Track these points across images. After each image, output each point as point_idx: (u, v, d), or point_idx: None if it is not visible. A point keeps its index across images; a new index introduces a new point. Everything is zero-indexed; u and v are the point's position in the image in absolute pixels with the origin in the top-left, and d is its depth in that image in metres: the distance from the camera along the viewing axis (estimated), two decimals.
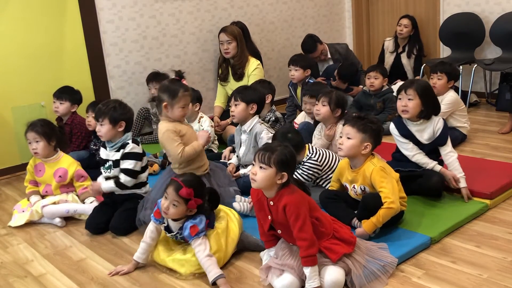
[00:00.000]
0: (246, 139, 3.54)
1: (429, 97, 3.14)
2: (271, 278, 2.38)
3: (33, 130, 3.34)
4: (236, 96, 3.53)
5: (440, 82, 4.08)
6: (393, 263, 2.43)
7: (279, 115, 4.21)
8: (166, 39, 5.13)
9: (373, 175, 2.69)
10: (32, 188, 3.48)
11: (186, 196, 2.48)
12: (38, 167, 3.44)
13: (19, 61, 4.31)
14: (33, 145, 3.35)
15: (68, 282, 2.63)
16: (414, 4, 6.03)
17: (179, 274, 2.56)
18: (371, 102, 4.70)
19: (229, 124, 4.60)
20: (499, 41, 5.15)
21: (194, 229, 2.51)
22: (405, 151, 3.18)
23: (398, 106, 3.18)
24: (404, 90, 3.14)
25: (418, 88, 3.10)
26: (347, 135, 2.77)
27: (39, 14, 4.36)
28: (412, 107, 3.10)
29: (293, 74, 4.65)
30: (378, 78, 4.65)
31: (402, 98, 3.15)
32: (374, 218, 2.62)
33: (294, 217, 2.27)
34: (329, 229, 2.39)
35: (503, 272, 2.39)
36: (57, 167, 3.40)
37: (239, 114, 3.52)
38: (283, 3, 5.99)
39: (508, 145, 4.10)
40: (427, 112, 3.12)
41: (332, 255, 2.32)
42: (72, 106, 4.14)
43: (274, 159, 2.27)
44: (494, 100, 5.26)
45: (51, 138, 3.38)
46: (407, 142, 3.17)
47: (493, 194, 3.08)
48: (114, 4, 4.75)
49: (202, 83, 5.44)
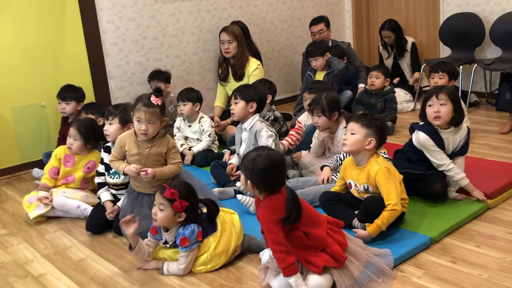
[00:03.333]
0: (246, 137, 3.54)
1: (459, 102, 3.03)
2: (269, 278, 2.38)
3: (76, 127, 3.39)
4: (236, 94, 3.54)
5: (442, 82, 4.09)
6: (390, 275, 2.39)
7: (278, 115, 4.21)
8: (166, 39, 5.13)
9: (378, 176, 2.68)
10: (47, 180, 3.39)
11: (170, 196, 2.46)
12: (67, 158, 3.44)
13: (19, 61, 4.31)
14: (70, 140, 3.40)
15: (68, 282, 2.63)
16: (414, 4, 6.03)
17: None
18: (372, 101, 4.70)
19: (229, 124, 4.60)
20: (499, 41, 5.15)
21: (184, 241, 2.49)
22: (436, 161, 3.01)
23: (429, 113, 2.99)
24: (435, 95, 2.97)
25: (450, 93, 2.98)
26: (351, 131, 2.78)
27: (39, 14, 4.35)
28: (445, 113, 2.95)
29: (315, 64, 4.86)
30: (379, 78, 4.66)
31: (433, 104, 2.97)
32: (378, 221, 2.61)
33: (266, 230, 2.27)
34: (320, 243, 2.32)
35: (503, 272, 2.39)
36: (88, 160, 3.43)
37: (239, 112, 3.52)
38: (283, 3, 5.99)
39: (508, 145, 4.10)
40: (458, 118, 3.00)
41: (314, 269, 2.28)
42: (78, 105, 4.15)
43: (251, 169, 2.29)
44: (494, 100, 5.27)
45: (89, 141, 3.43)
46: (440, 151, 3.01)
47: (493, 194, 3.08)
48: (114, 4, 4.75)
49: (202, 83, 5.44)
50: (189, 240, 2.49)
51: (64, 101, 4.12)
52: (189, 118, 4.27)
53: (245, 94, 3.50)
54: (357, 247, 2.44)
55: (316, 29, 5.51)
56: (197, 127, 4.26)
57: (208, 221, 2.62)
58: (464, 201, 3.07)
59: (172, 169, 2.90)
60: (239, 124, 3.63)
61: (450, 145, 3.04)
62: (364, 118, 2.80)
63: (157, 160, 2.90)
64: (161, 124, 2.89)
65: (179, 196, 2.47)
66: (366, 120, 2.77)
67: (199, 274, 2.57)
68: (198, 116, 4.27)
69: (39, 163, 4.31)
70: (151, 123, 2.81)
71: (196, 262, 2.58)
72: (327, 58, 4.87)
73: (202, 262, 2.58)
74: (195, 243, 2.52)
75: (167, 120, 2.96)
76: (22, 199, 3.63)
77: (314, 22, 5.57)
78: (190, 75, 5.35)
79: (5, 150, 4.32)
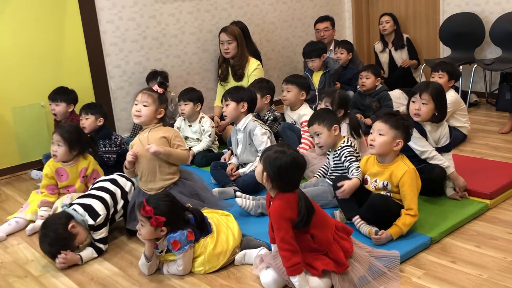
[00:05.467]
0: (241, 138, 3.55)
1: (442, 101, 3.09)
2: (259, 270, 2.39)
3: (59, 133, 3.26)
4: (226, 96, 3.59)
5: (441, 81, 4.09)
6: (394, 281, 2.36)
7: (277, 115, 4.20)
8: (166, 39, 5.13)
9: (405, 177, 2.65)
10: (47, 197, 3.29)
11: (146, 214, 2.44)
12: (59, 172, 3.30)
13: (19, 61, 4.31)
14: (54, 147, 3.25)
15: (68, 282, 2.63)
16: (414, 4, 6.03)
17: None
18: (366, 102, 4.70)
19: (229, 124, 4.60)
20: (499, 41, 5.15)
21: (175, 244, 2.49)
22: (419, 148, 3.06)
23: (410, 109, 3.09)
24: (419, 93, 3.06)
25: (433, 92, 3.04)
26: (379, 131, 2.70)
27: (39, 14, 4.36)
28: (425, 112, 3.05)
29: (311, 65, 4.87)
30: (369, 78, 4.64)
31: (415, 101, 3.07)
32: (402, 225, 2.61)
33: (276, 227, 2.25)
34: (324, 247, 2.32)
35: (503, 272, 2.39)
36: (80, 168, 3.32)
37: (230, 113, 3.56)
38: (283, 3, 5.99)
39: (508, 145, 4.10)
40: (438, 117, 3.08)
41: (314, 272, 2.28)
42: (68, 106, 4.09)
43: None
44: (494, 100, 5.26)
45: (74, 146, 3.28)
46: (423, 138, 3.08)
47: (493, 194, 3.08)
48: (114, 4, 4.75)
49: (202, 83, 5.44)
50: (180, 242, 2.48)
51: (54, 102, 4.08)
52: (190, 118, 4.27)
53: (234, 95, 3.54)
54: (363, 252, 2.42)
55: (322, 26, 5.54)
56: (197, 127, 4.26)
57: (197, 226, 2.59)
58: (464, 201, 3.06)
59: (180, 154, 2.91)
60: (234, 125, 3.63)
61: (431, 136, 3.10)
62: (393, 118, 2.71)
63: (163, 143, 2.90)
64: (156, 112, 2.91)
65: (155, 212, 2.44)
66: (395, 121, 2.70)
67: (199, 274, 2.57)
68: (199, 116, 4.27)
69: (38, 163, 4.31)
70: (146, 105, 2.87)
71: (194, 263, 2.58)
72: (324, 59, 4.89)
73: (200, 263, 2.57)
74: (187, 244, 2.50)
75: (163, 112, 2.97)
76: (22, 199, 3.64)
77: (320, 20, 5.62)
78: (190, 75, 5.35)
79: (5, 150, 4.32)
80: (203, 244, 2.57)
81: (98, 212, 2.82)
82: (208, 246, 2.57)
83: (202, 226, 2.60)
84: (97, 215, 2.81)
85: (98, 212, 2.82)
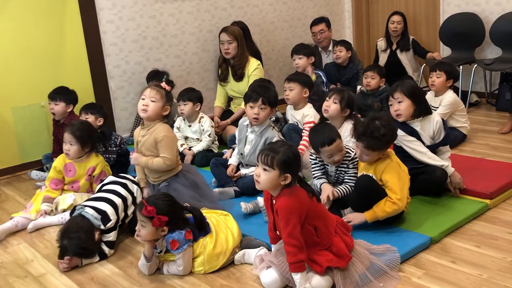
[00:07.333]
0: (253, 139, 3.49)
1: (418, 95, 3.14)
2: (260, 270, 2.40)
3: (70, 132, 3.29)
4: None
5: (439, 80, 4.10)
6: (393, 279, 2.37)
7: (279, 115, 4.20)
8: (166, 39, 5.13)
9: (387, 168, 2.70)
10: (49, 193, 3.33)
11: (148, 214, 2.44)
12: (67, 167, 3.36)
13: (19, 61, 4.31)
14: (66, 146, 3.31)
15: (68, 282, 2.63)
16: (414, 4, 6.03)
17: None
18: (368, 102, 4.69)
19: (229, 124, 4.60)
20: (499, 41, 5.15)
21: (174, 244, 2.48)
22: (413, 151, 3.09)
23: (391, 112, 3.15)
24: (391, 95, 3.15)
25: (404, 89, 3.10)
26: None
27: (39, 14, 4.36)
28: (404, 109, 3.09)
29: (297, 62, 4.80)
30: (375, 78, 4.65)
31: (392, 103, 3.15)
32: (377, 209, 2.64)
33: (284, 221, 2.24)
34: (326, 241, 2.33)
35: (503, 272, 2.39)
36: (88, 166, 3.37)
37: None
38: (283, 3, 5.99)
39: (508, 145, 4.10)
40: (420, 110, 3.11)
41: (317, 268, 2.29)
42: (67, 106, 4.06)
43: (277, 160, 2.24)
44: (494, 100, 5.27)
45: (87, 143, 3.33)
46: (416, 140, 3.10)
47: (493, 194, 3.08)
48: (114, 4, 4.75)
49: (202, 83, 5.44)
50: (178, 242, 2.48)
51: (53, 101, 4.06)
52: (189, 118, 4.28)
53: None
54: (362, 249, 2.43)
55: (317, 29, 5.51)
56: (197, 127, 4.26)
57: (196, 225, 2.59)
58: (464, 201, 3.07)
59: (156, 163, 2.99)
60: (240, 121, 3.61)
61: (425, 136, 3.11)
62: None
63: (150, 150, 3.00)
64: (163, 109, 2.99)
65: (157, 212, 2.44)
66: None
67: (199, 274, 2.57)
68: (198, 116, 4.27)
69: (38, 163, 4.31)
70: (154, 101, 2.95)
71: (193, 263, 2.58)
72: (311, 62, 4.78)
73: (200, 263, 2.57)
74: (185, 243, 2.50)
75: (169, 109, 3.05)
76: (22, 199, 3.64)
77: (315, 22, 5.57)
78: (190, 75, 5.35)
79: (5, 150, 4.32)
80: (203, 244, 2.57)
81: (109, 217, 2.84)
82: (207, 246, 2.57)
83: (201, 226, 2.60)
84: (108, 219, 2.83)
85: (109, 217, 2.84)
